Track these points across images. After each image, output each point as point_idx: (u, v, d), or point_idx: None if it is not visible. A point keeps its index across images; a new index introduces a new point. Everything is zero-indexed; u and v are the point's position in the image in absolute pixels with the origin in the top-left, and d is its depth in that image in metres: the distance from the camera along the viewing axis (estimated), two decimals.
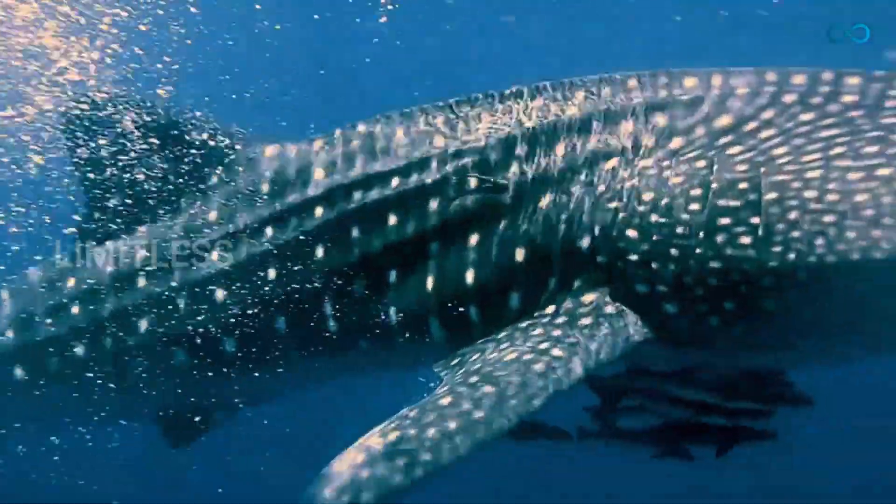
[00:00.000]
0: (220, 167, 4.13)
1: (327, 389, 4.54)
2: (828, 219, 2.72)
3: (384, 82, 10.84)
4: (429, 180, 3.57)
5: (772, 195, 2.83)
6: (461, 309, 3.47)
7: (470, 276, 3.43)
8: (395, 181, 3.65)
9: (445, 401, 2.86)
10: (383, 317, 3.65)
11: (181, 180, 4.15)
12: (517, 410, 2.79)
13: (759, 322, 2.95)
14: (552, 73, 3.67)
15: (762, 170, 2.90)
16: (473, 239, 3.44)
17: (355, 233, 3.70)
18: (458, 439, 2.68)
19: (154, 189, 4.15)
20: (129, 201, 4.19)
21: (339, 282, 3.72)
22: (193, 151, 4.15)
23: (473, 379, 2.96)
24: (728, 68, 3.31)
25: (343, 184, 3.77)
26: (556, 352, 2.98)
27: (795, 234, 2.76)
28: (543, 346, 3.02)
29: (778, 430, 3.65)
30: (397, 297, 3.62)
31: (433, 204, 3.55)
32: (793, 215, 2.78)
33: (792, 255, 2.77)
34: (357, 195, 3.72)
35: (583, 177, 3.27)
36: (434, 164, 3.58)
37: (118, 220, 4.20)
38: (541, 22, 12.00)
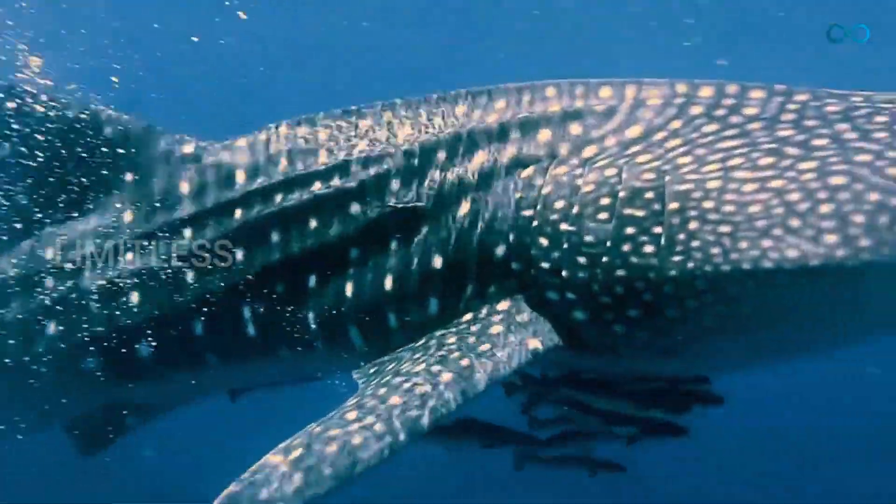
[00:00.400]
0: (135, 166, 4.03)
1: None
2: (724, 229, 2.81)
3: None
4: (350, 184, 3.56)
5: (674, 205, 2.91)
6: (380, 316, 3.47)
7: (389, 283, 3.44)
8: (316, 184, 3.63)
9: (351, 414, 2.87)
10: (303, 323, 3.63)
11: (95, 179, 4.06)
12: (422, 422, 2.81)
13: (661, 329, 3.02)
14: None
15: (667, 179, 2.97)
16: (393, 245, 3.45)
17: (275, 236, 3.67)
18: (362, 454, 2.70)
19: (65, 188, 4.05)
20: (37, 200, 4.09)
21: (258, 286, 3.69)
22: (107, 149, 4.05)
23: (382, 391, 2.97)
24: (642, 79, 3.37)
25: (263, 186, 3.73)
26: (465, 361, 3.00)
27: (695, 243, 2.84)
28: (454, 355, 3.04)
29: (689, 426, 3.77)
30: (317, 303, 3.60)
31: (354, 208, 3.54)
32: (692, 225, 2.86)
33: (691, 264, 2.85)
34: (277, 198, 3.69)
35: (500, 184, 3.30)
36: (355, 169, 3.57)
37: (24, 220, 4.10)
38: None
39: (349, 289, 3.52)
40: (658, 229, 2.91)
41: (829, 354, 3.43)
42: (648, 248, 2.92)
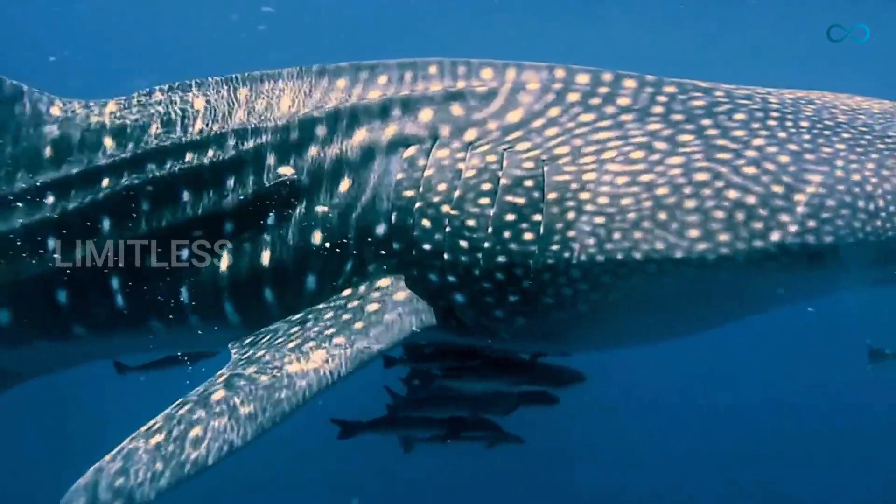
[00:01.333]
0: None
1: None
2: (598, 220, 2.93)
3: None
4: (225, 156, 3.45)
5: (553, 195, 3.00)
6: (256, 291, 3.41)
7: (266, 258, 3.38)
8: (189, 155, 3.50)
9: (218, 394, 2.83)
10: (175, 296, 3.52)
11: None
12: (289, 404, 2.81)
13: (539, 315, 3.12)
14: None
15: (546, 168, 3.05)
16: (270, 220, 3.38)
17: (145, 207, 3.53)
18: (226, 437, 2.67)
19: None
20: None
21: (128, 258, 3.54)
22: None
23: (251, 369, 2.94)
24: (522, 62, 3.40)
25: (134, 153, 3.57)
26: (339, 339, 3.00)
27: (571, 233, 2.95)
28: (328, 331, 3.04)
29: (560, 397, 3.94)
30: (190, 276, 3.49)
31: (229, 181, 3.44)
32: (570, 215, 2.96)
33: (567, 254, 2.96)
34: (149, 166, 3.54)
35: (382, 163, 3.28)
36: (231, 140, 3.46)
37: None
38: None
39: (224, 263, 3.44)
40: (537, 217, 3.00)
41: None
42: (528, 236, 3.00)
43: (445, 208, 3.12)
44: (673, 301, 3.05)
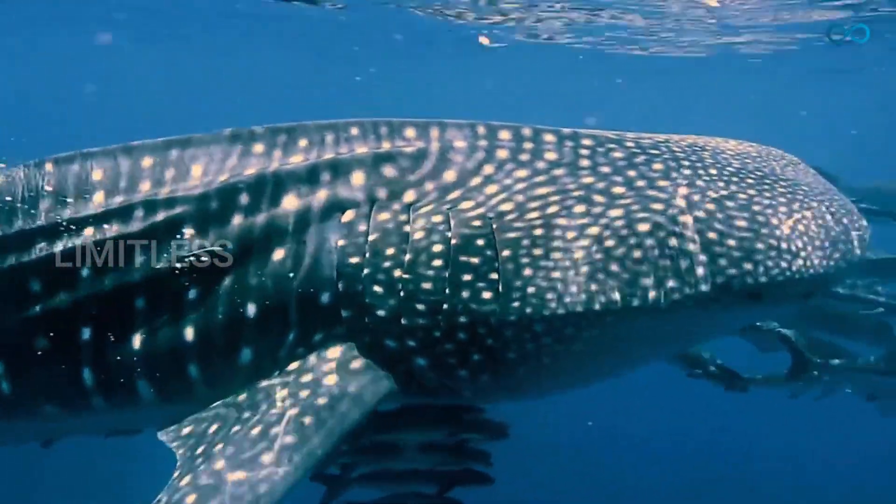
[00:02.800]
0: None
1: None
2: (555, 275, 3.04)
3: None
4: (131, 229, 3.20)
5: (506, 252, 3.06)
6: (178, 368, 3.19)
7: (190, 334, 3.16)
8: (88, 230, 3.21)
9: (190, 498, 2.68)
10: (74, 379, 3.23)
11: None
12: (272, 496, 2.71)
13: (503, 371, 3.17)
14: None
15: (494, 226, 3.10)
16: (192, 294, 3.16)
17: (35, 287, 3.21)
18: None
19: None
20: None
21: (15, 340, 3.22)
22: None
23: (218, 464, 2.79)
24: (442, 119, 3.42)
25: (21, 230, 3.24)
26: (307, 420, 2.91)
27: (530, 289, 3.03)
28: (291, 412, 2.93)
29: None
30: (93, 358, 3.21)
31: (138, 257, 3.18)
32: (526, 272, 3.04)
33: (529, 310, 3.04)
34: (40, 243, 3.22)
35: (317, 229, 3.17)
36: (138, 212, 3.21)
37: None
38: None
39: (136, 342, 3.17)
40: (494, 276, 3.04)
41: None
42: (487, 294, 3.04)
43: (397, 272, 3.07)
44: (628, 344, 3.22)
